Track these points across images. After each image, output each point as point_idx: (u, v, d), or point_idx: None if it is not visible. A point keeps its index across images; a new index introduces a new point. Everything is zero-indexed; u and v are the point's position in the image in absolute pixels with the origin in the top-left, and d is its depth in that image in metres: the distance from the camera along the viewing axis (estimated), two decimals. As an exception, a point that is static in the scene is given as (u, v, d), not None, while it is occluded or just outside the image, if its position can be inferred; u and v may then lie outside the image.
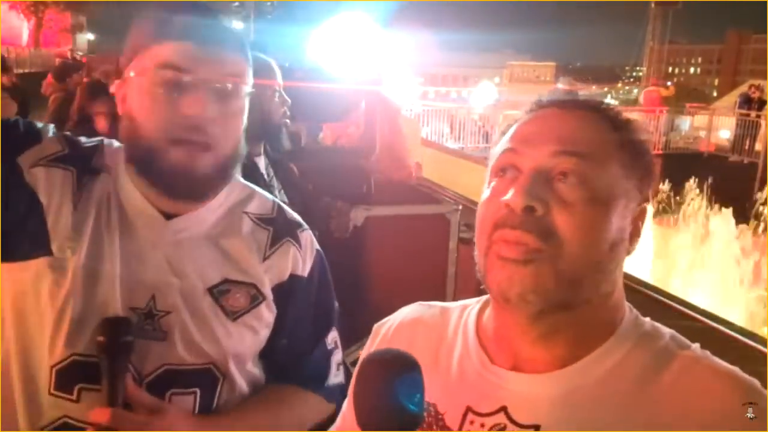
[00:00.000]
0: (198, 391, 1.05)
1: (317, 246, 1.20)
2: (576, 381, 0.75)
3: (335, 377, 1.22)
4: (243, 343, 1.08)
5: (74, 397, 1.00)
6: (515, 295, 0.73)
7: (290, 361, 1.16)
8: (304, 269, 1.14)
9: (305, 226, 1.19)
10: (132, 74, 1.01)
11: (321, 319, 1.20)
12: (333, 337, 1.23)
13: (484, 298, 0.87)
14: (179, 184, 1.01)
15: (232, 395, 1.09)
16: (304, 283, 1.14)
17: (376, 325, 0.95)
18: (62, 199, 1.01)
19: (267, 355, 1.13)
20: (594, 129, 0.77)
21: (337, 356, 1.24)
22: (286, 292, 1.12)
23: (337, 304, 1.26)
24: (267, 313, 1.10)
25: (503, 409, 0.76)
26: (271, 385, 1.16)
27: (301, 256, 1.14)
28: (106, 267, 1.01)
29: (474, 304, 0.89)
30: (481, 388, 0.78)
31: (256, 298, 1.08)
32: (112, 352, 0.96)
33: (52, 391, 1.00)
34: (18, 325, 1.01)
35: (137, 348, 0.99)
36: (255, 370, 1.13)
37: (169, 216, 1.05)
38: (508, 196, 0.74)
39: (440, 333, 0.87)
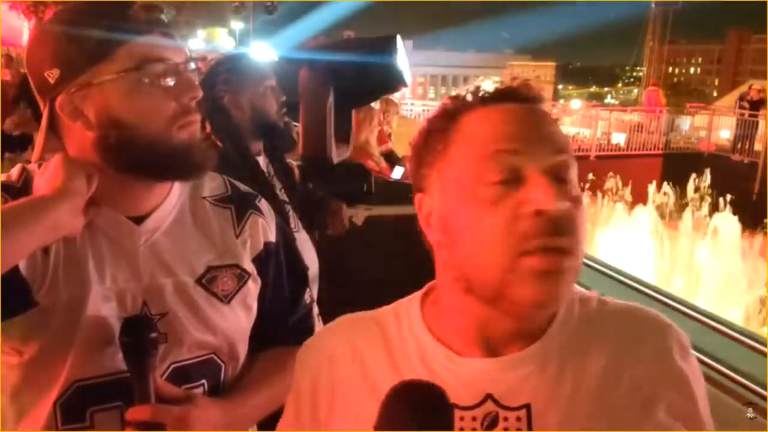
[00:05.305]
0: (205, 382, 1.07)
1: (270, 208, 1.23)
2: (548, 351, 0.77)
3: (319, 327, 1.26)
4: (240, 323, 1.11)
5: (87, 422, 1.00)
6: (548, 306, 0.72)
7: (275, 324, 1.19)
8: (273, 234, 1.17)
9: (257, 194, 1.21)
10: (105, 79, 0.96)
11: (295, 276, 1.23)
12: (308, 292, 1.27)
13: (413, 297, 0.85)
14: (184, 164, 1.02)
15: (233, 378, 1.12)
16: (275, 246, 1.17)
17: (302, 353, 0.89)
18: None
19: (254, 324, 1.16)
20: (556, 123, 0.77)
21: (316, 309, 1.28)
22: (264, 260, 1.15)
23: (304, 261, 1.30)
24: (254, 287, 1.13)
25: (489, 396, 0.75)
26: (264, 354, 1.18)
27: (267, 223, 1.17)
28: (91, 290, 0.99)
29: (406, 303, 0.85)
30: (457, 383, 0.74)
31: (242, 277, 1.11)
32: (139, 351, 0.96)
33: (61, 427, 0.99)
34: (14, 375, 1.00)
35: None
36: (246, 345, 1.16)
37: (136, 220, 1.04)
38: (540, 200, 0.69)
39: (386, 342, 0.82)
